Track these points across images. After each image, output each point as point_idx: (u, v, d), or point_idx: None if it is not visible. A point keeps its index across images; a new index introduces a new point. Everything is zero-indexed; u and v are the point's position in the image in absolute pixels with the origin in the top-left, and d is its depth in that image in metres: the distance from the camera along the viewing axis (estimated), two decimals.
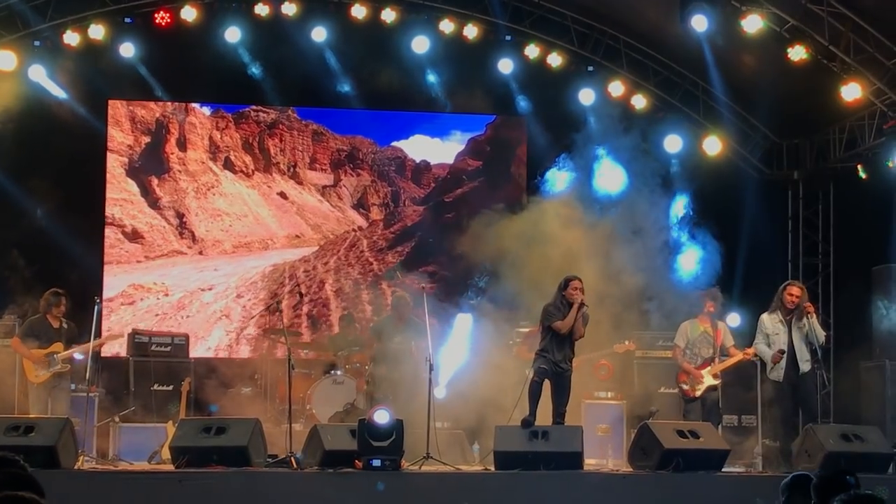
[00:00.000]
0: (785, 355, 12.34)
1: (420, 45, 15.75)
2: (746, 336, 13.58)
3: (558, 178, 15.34)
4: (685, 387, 13.11)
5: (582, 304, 11.83)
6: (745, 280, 15.65)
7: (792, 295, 12.43)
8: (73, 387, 12.83)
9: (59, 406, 12.51)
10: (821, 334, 12.48)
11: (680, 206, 15.98)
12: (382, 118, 17.21)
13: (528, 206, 15.41)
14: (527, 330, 14.54)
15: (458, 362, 14.66)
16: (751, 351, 12.98)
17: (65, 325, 12.71)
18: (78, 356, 12.58)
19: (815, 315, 12.52)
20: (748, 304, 14.44)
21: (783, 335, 12.44)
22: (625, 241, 14.67)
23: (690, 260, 15.67)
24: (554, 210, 14.68)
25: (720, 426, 13.26)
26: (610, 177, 15.78)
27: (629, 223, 15.06)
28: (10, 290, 14.35)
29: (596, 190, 15.64)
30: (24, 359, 12.67)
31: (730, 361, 13.14)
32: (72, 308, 12.97)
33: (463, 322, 15.57)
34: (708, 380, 13.02)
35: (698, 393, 13.02)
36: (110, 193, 16.28)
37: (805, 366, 12.39)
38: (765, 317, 12.61)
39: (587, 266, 13.78)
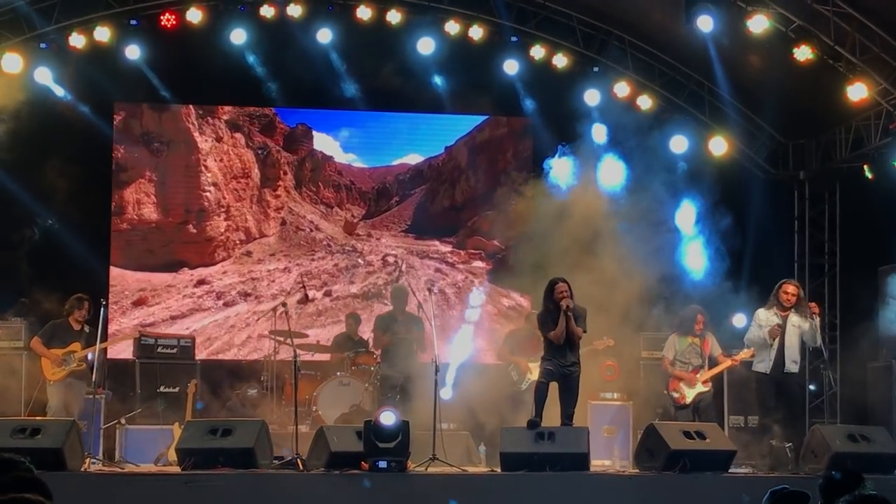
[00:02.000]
0: (775, 351, 12.41)
1: (425, 46, 15.74)
2: None
3: (560, 168, 15.38)
4: (676, 395, 13.28)
5: (568, 309, 11.74)
6: (750, 280, 15.62)
7: (787, 293, 12.53)
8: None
9: (75, 404, 12.63)
10: (818, 336, 12.55)
11: (686, 206, 15.98)
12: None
13: (533, 203, 15.44)
14: (508, 329, 14.52)
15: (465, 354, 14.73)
16: (738, 357, 13.11)
17: (86, 330, 12.85)
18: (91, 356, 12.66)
19: (818, 316, 12.61)
20: (754, 305, 14.40)
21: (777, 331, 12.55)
22: (630, 242, 14.67)
23: (696, 260, 15.67)
24: (559, 208, 14.73)
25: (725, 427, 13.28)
26: (615, 177, 15.78)
27: (634, 224, 15.06)
28: (17, 293, 14.38)
29: (601, 189, 15.65)
30: (43, 357, 12.74)
31: (718, 369, 13.35)
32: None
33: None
34: (698, 386, 13.16)
35: (689, 400, 13.16)
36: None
37: (793, 367, 12.47)
38: (761, 311, 12.73)
39: (590, 266, 13.80)
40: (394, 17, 15.59)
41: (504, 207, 16.45)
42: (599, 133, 16.01)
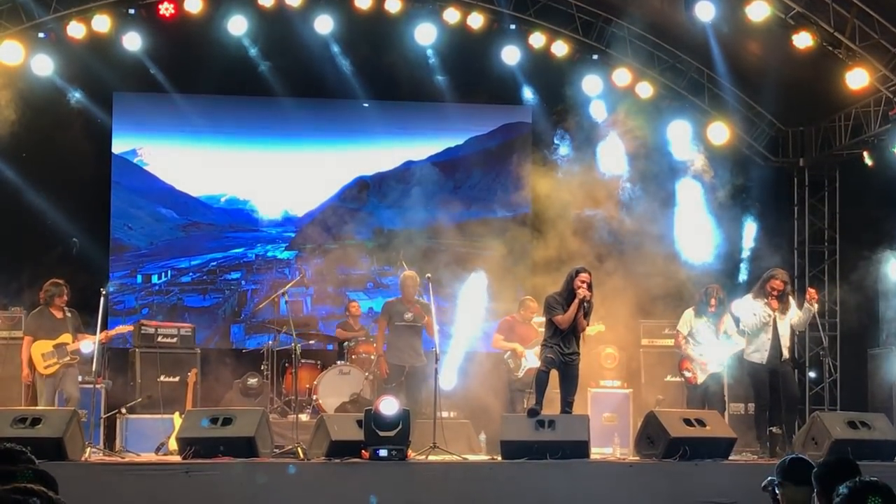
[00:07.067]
0: (770, 341, 12.49)
1: (424, 34, 15.70)
2: None
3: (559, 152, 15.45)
4: (687, 374, 13.09)
5: (584, 301, 11.75)
6: (750, 267, 15.64)
7: (774, 289, 12.62)
8: (79, 378, 12.88)
9: (73, 391, 12.56)
10: (805, 322, 12.73)
11: (685, 193, 15.98)
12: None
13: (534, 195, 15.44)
14: (503, 319, 14.50)
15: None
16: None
17: (68, 314, 12.75)
18: (85, 349, 12.59)
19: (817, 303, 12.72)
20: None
21: (769, 320, 12.61)
22: (629, 229, 14.69)
23: (696, 247, 15.67)
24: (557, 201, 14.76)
25: (725, 413, 13.23)
26: (615, 163, 15.78)
27: (633, 211, 15.07)
28: (16, 282, 14.38)
29: (601, 176, 15.65)
30: (33, 352, 12.68)
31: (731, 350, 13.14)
32: (79, 299, 13.00)
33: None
34: (711, 367, 12.99)
35: (700, 380, 13.01)
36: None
37: (786, 353, 12.59)
38: (748, 298, 12.84)
39: (589, 254, 13.82)
40: (393, 5, 15.55)
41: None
42: (598, 120, 16.02)
